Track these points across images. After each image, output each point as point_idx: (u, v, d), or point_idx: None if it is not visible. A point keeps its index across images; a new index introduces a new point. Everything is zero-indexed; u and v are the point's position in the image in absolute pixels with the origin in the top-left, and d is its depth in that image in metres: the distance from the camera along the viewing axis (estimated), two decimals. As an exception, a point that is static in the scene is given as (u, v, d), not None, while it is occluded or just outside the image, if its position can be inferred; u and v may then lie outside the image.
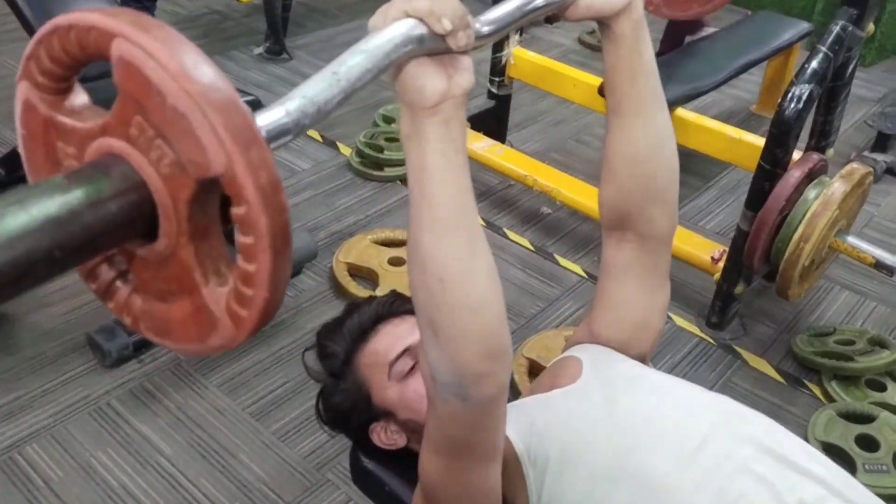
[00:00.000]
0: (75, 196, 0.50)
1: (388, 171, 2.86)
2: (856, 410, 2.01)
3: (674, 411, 0.97)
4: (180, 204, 0.53)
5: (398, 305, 1.17)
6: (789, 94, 1.93)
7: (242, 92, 2.02)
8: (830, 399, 2.09)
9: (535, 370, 2.06)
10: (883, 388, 2.11)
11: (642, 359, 1.11)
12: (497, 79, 2.87)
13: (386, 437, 1.14)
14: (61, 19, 0.53)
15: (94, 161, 0.55)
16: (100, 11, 0.52)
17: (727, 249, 2.20)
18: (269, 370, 2.09)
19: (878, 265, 1.97)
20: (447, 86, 0.69)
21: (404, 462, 1.13)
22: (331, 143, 3.07)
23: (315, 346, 1.19)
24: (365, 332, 1.13)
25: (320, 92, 0.61)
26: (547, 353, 2.09)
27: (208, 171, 0.50)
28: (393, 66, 0.67)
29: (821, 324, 2.34)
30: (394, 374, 1.09)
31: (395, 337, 1.12)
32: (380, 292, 2.21)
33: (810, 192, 1.99)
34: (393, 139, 2.94)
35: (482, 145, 2.74)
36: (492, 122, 2.94)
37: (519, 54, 2.80)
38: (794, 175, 1.96)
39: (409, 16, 0.66)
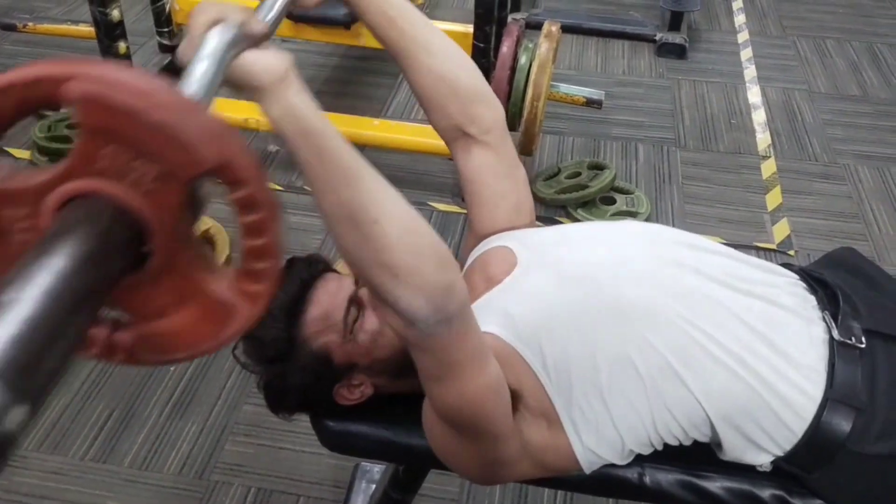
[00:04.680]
0: (69, 256, 0.47)
1: (88, 160, 2.56)
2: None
3: (611, 250, 1.14)
4: (169, 213, 0.54)
5: (314, 267, 1.15)
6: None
7: None
8: (581, 224, 2.47)
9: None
10: (613, 202, 2.54)
11: None
12: (165, 29, 2.67)
13: (352, 392, 1.14)
14: None
15: (66, 213, 0.52)
16: (35, 66, 0.52)
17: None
18: (84, 408, 1.87)
19: (589, 102, 2.32)
20: (279, 56, 0.75)
21: (367, 407, 1.16)
22: (-3, 151, 2.63)
23: (242, 342, 1.13)
24: (298, 304, 1.11)
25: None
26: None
27: (202, 166, 0.53)
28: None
29: (544, 168, 2.70)
30: (349, 327, 1.10)
31: (331, 295, 1.11)
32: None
33: (521, 58, 2.24)
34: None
35: (183, 102, 2.57)
36: (176, 74, 2.75)
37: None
38: (507, 46, 2.19)
39: (213, 26, 0.70)
